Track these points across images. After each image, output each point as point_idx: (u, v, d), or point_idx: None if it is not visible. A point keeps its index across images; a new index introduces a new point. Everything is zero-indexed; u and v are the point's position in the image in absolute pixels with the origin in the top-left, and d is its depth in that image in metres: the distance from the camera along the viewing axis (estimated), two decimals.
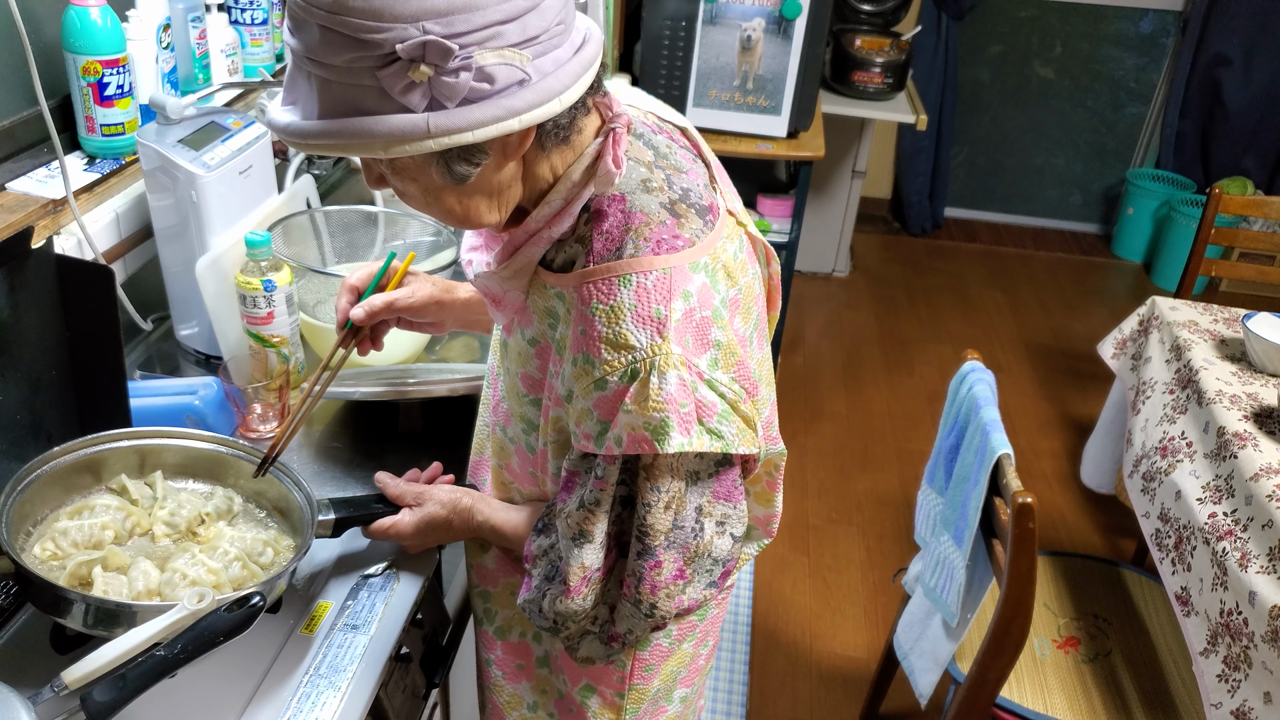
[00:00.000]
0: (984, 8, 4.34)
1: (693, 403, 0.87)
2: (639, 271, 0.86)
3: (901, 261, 4.43)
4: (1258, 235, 2.58)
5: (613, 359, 0.86)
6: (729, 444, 0.90)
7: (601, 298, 0.87)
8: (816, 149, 2.62)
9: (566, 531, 0.95)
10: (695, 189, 0.93)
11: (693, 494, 0.93)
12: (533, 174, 0.90)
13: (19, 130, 1.40)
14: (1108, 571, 2.00)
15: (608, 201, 0.89)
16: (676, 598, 0.95)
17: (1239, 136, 4.30)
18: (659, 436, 0.86)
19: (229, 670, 1.03)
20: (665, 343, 0.85)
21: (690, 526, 0.93)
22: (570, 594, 0.95)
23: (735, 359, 0.91)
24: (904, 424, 3.33)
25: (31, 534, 1.07)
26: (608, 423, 0.89)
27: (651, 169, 0.92)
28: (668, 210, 0.89)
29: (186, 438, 1.19)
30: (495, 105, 0.77)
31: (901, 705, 2.25)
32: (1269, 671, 1.46)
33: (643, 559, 0.93)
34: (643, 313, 0.86)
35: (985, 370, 1.74)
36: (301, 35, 0.77)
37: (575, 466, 0.95)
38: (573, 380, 0.91)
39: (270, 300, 1.41)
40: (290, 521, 1.16)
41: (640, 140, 0.94)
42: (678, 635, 1.16)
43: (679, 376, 0.86)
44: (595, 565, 0.95)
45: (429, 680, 1.28)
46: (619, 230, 0.88)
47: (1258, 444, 1.71)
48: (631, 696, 1.16)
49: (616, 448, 0.89)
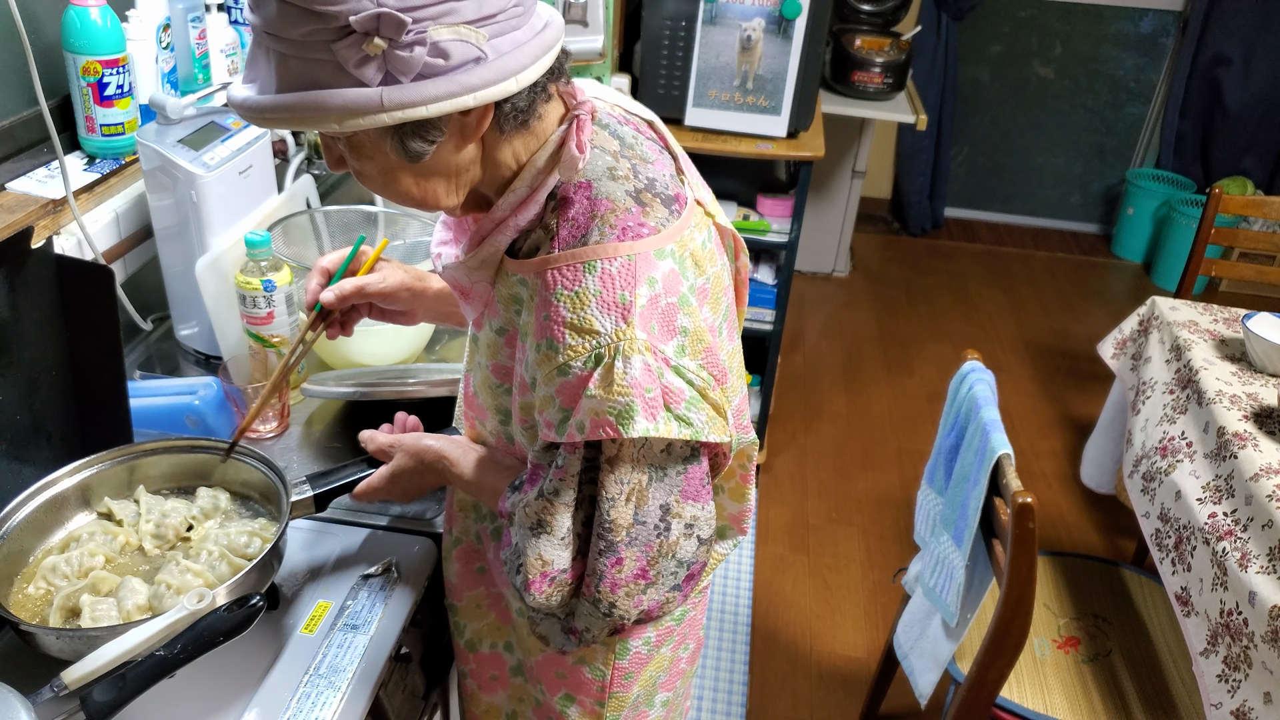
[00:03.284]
0: (984, 8, 4.34)
1: (659, 388, 0.86)
2: (604, 258, 0.86)
3: (901, 261, 4.43)
4: (1258, 235, 2.58)
5: (577, 344, 0.86)
6: (698, 431, 0.89)
7: (566, 283, 0.86)
8: (816, 149, 2.62)
9: (524, 521, 0.93)
10: (661, 178, 0.93)
11: (658, 490, 0.91)
12: (494, 159, 0.90)
13: (19, 130, 1.40)
14: (1108, 571, 2.00)
15: (574, 189, 0.89)
16: (636, 597, 0.93)
17: (1239, 136, 4.30)
18: (623, 421, 0.85)
19: (229, 670, 1.03)
20: (630, 328, 0.85)
21: (654, 524, 0.91)
22: (531, 587, 0.93)
23: (703, 346, 0.91)
24: (904, 424, 3.32)
25: (22, 574, 1.08)
26: (569, 410, 0.88)
27: (617, 157, 0.92)
28: (633, 198, 0.89)
29: (168, 449, 1.20)
30: (450, 81, 0.78)
31: (901, 705, 2.25)
32: (1269, 671, 1.46)
33: (604, 556, 0.91)
34: (607, 298, 0.85)
35: (985, 370, 1.74)
36: (260, 10, 0.78)
37: (539, 459, 0.94)
38: (535, 366, 0.90)
39: (270, 300, 1.41)
40: (276, 507, 1.16)
41: (606, 130, 0.94)
42: (656, 640, 1.14)
43: (644, 361, 0.85)
44: (558, 564, 0.93)
45: (429, 680, 1.28)
46: (585, 217, 0.88)
47: (1258, 444, 1.71)
48: (611, 705, 1.15)
49: (579, 434, 0.87)
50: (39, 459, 1.20)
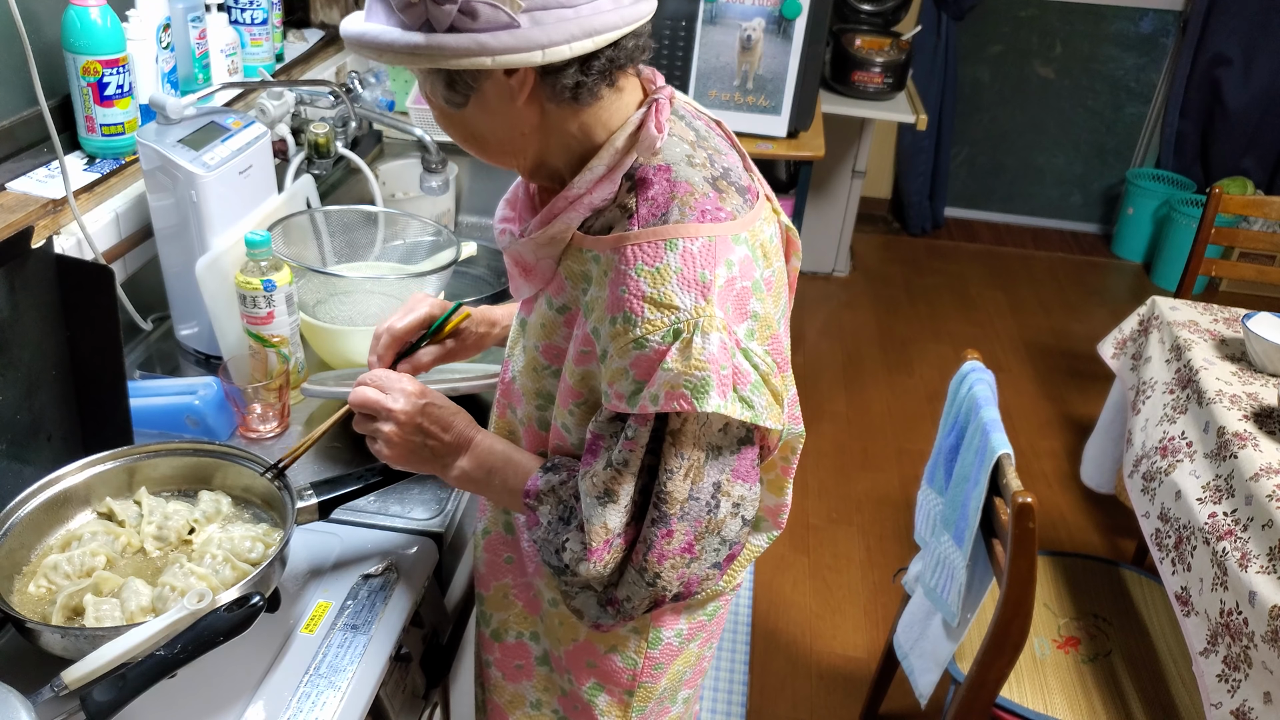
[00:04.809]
0: (984, 8, 4.34)
1: (731, 367, 0.89)
2: (686, 237, 0.89)
3: (901, 261, 4.43)
4: (1258, 235, 2.58)
5: (655, 318, 0.88)
6: (758, 415, 0.91)
7: (647, 259, 0.89)
8: (816, 149, 2.62)
9: (591, 490, 0.94)
10: (735, 169, 0.97)
11: (712, 468, 0.93)
12: (558, 129, 0.93)
13: (19, 130, 1.40)
14: (1108, 571, 2.00)
15: (653, 170, 0.92)
16: (680, 570, 0.95)
17: (1239, 136, 4.30)
18: (698, 395, 0.87)
19: (229, 670, 1.03)
20: (709, 305, 0.88)
21: (706, 500, 0.93)
22: (592, 555, 0.95)
23: (770, 332, 0.94)
24: (904, 424, 3.33)
25: (23, 572, 1.08)
26: (643, 383, 0.90)
27: (694, 147, 0.95)
28: (710, 184, 0.92)
29: (170, 452, 1.20)
30: (471, 39, 0.84)
31: (901, 705, 2.25)
32: (1269, 671, 1.46)
33: (656, 526, 0.93)
34: (688, 275, 0.88)
35: (985, 370, 1.74)
36: None
37: (601, 430, 0.95)
38: (609, 340, 0.91)
39: (270, 300, 1.41)
40: (279, 513, 1.16)
41: (682, 121, 0.98)
42: (688, 633, 1.16)
43: (721, 339, 0.88)
44: (618, 529, 0.94)
45: (429, 680, 1.28)
46: (664, 197, 0.91)
47: (1258, 444, 1.71)
48: (640, 695, 1.16)
49: (652, 405, 0.89)
50: (39, 459, 1.20)
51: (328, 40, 2.21)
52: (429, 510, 1.30)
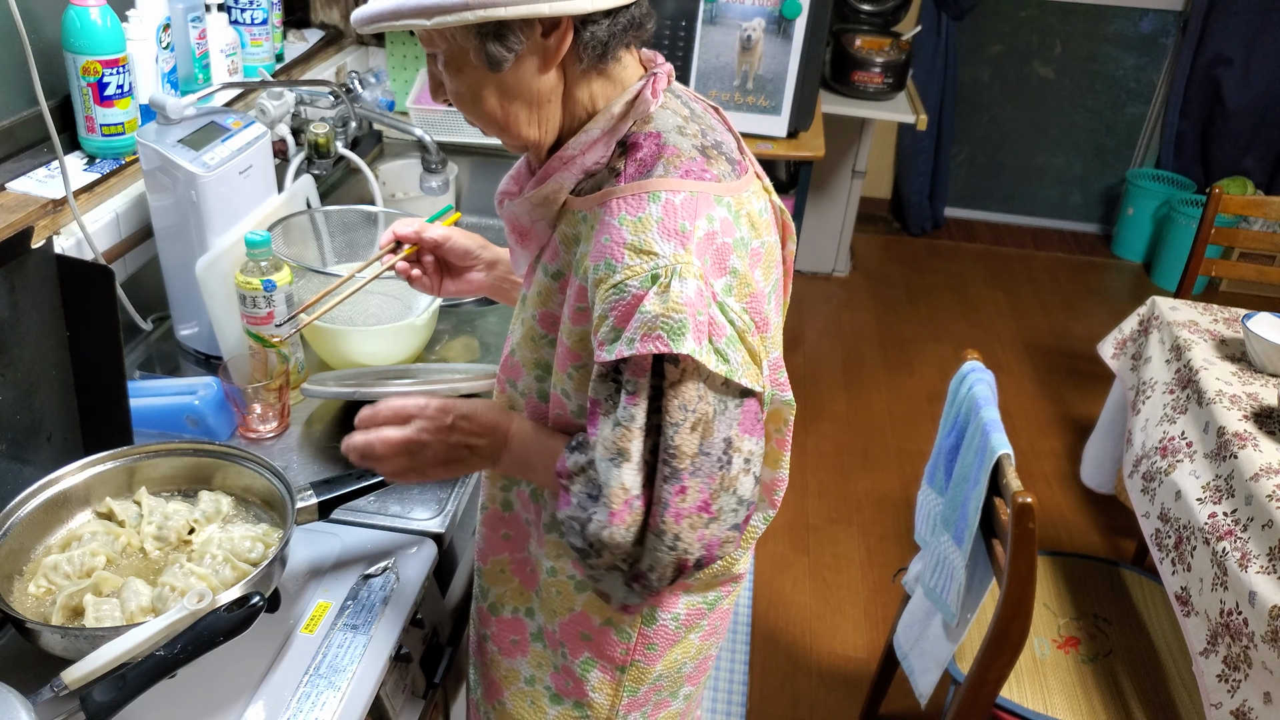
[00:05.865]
0: (984, 8, 4.34)
1: (708, 315, 0.90)
2: (668, 190, 0.92)
3: (901, 261, 4.43)
4: (1258, 235, 2.58)
5: (635, 264, 0.90)
6: (733, 370, 0.91)
7: (630, 210, 0.92)
8: (816, 149, 2.62)
9: (605, 454, 0.94)
10: (727, 143, 1.00)
11: (721, 423, 0.93)
12: (572, 97, 0.97)
13: (19, 130, 1.40)
14: (1108, 571, 2.00)
15: (643, 136, 0.96)
16: (699, 530, 0.94)
17: (1239, 136, 4.30)
18: (674, 336, 0.88)
19: (229, 670, 1.03)
20: (688, 254, 0.90)
21: (718, 456, 0.93)
22: (614, 519, 0.94)
23: (749, 291, 0.95)
24: (904, 424, 3.32)
25: (23, 572, 1.08)
26: (621, 329, 0.90)
27: (687, 121, 0.98)
28: (699, 151, 0.96)
29: (170, 452, 1.20)
30: None
31: (901, 705, 2.25)
32: (1269, 671, 1.46)
33: (668, 483, 0.93)
34: (669, 225, 0.90)
35: (985, 370, 1.74)
36: None
37: (597, 394, 0.95)
38: (593, 287, 0.93)
39: (270, 300, 1.41)
40: (279, 513, 1.16)
41: (679, 99, 1.01)
42: (685, 619, 1.15)
43: (698, 286, 0.89)
44: (634, 489, 0.94)
45: (429, 680, 1.28)
46: (651, 158, 0.94)
47: (1258, 444, 1.71)
48: (631, 674, 1.16)
49: (627, 349, 0.89)
50: (39, 459, 1.20)
51: (328, 40, 2.21)
52: (429, 510, 1.30)
